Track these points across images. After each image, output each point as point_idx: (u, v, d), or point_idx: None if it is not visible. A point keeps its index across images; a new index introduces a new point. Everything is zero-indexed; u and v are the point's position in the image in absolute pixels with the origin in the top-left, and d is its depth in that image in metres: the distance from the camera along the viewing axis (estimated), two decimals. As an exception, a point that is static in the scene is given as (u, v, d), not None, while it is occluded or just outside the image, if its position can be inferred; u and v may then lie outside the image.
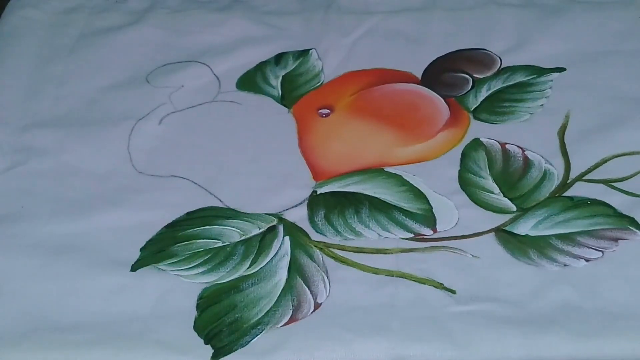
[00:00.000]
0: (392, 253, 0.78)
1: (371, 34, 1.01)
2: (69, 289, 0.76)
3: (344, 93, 0.94)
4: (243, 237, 0.80)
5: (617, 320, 0.71)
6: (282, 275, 0.76)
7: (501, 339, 0.71)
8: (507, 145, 0.86)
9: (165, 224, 0.81)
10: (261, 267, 0.77)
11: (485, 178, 0.84)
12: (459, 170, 0.85)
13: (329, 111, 0.92)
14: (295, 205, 0.82)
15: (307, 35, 1.00)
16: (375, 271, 0.76)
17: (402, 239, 0.79)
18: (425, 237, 0.79)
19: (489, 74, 0.94)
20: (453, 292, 0.74)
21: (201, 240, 0.79)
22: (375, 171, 0.85)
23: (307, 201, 0.83)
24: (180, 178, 0.86)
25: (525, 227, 0.79)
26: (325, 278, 0.76)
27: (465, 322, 0.72)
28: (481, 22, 1.01)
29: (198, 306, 0.74)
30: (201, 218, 0.82)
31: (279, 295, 0.75)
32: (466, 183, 0.83)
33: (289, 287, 0.75)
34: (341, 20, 1.02)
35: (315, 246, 0.79)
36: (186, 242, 0.79)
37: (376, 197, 0.82)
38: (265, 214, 0.82)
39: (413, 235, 0.79)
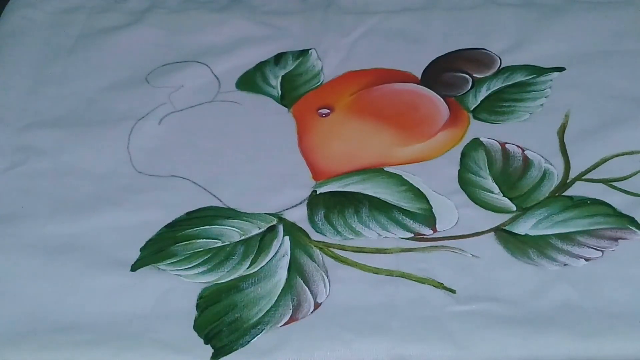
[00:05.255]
0: (392, 253, 0.78)
1: (371, 34, 1.01)
2: (69, 289, 0.76)
3: (344, 93, 0.94)
4: (243, 237, 0.80)
5: (616, 319, 0.71)
6: (282, 275, 0.76)
7: (501, 339, 0.71)
8: (506, 145, 0.86)
9: (165, 224, 0.81)
10: (261, 267, 0.77)
11: (485, 178, 0.84)
12: (458, 170, 0.85)
13: (328, 111, 0.92)
14: (295, 205, 0.82)
15: (307, 35, 1.00)
16: (375, 271, 0.76)
17: (402, 238, 0.79)
18: (425, 236, 0.79)
19: (488, 73, 0.94)
20: (453, 291, 0.74)
21: (201, 240, 0.79)
22: (375, 171, 0.85)
23: (307, 201, 0.83)
24: (180, 178, 0.86)
25: (525, 227, 0.79)
26: (325, 278, 0.76)
27: (465, 322, 0.72)
28: (481, 22, 1.01)
29: (198, 306, 0.74)
30: (201, 218, 0.82)
31: (279, 295, 0.75)
32: (466, 183, 0.83)
33: (288, 286, 0.75)
34: (341, 20, 1.02)
35: (315, 246, 0.79)
36: (186, 242, 0.79)
37: (376, 197, 0.82)
38: (265, 213, 0.82)
39: (413, 234, 0.79)
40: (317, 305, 0.74)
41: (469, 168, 0.85)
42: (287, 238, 0.79)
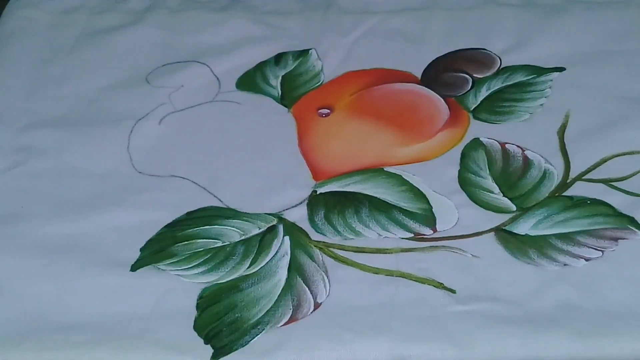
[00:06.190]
0: (392, 253, 0.78)
1: (371, 34, 1.01)
2: (69, 289, 0.76)
3: (344, 93, 0.94)
4: (243, 237, 0.80)
5: (616, 319, 0.71)
6: (282, 275, 0.76)
7: (501, 339, 0.71)
8: (506, 145, 0.86)
9: (165, 224, 0.81)
10: (261, 267, 0.77)
11: (485, 178, 0.84)
12: (458, 170, 0.85)
13: (328, 111, 0.92)
14: (295, 205, 0.82)
15: (307, 35, 1.00)
16: (375, 271, 0.76)
17: (402, 238, 0.79)
18: (425, 236, 0.79)
19: (488, 73, 0.94)
20: (453, 291, 0.74)
21: (201, 240, 0.79)
22: (375, 171, 0.85)
23: (307, 201, 0.83)
24: (180, 178, 0.86)
25: (525, 227, 0.79)
26: (325, 278, 0.76)
27: (465, 322, 0.72)
28: (481, 22, 1.01)
29: (198, 306, 0.74)
30: (201, 218, 0.82)
31: (279, 295, 0.75)
32: (466, 183, 0.83)
33: (289, 286, 0.75)
34: (341, 20, 1.02)
35: (315, 246, 0.79)
36: (186, 242, 0.79)
37: (376, 197, 0.82)
38: (265, 213, 0.82)
39: (413, 234, 0.79)
40: (317, 305, 0.74)
41: (469, 168, 0.85)
42: (287, 238, 0.79)
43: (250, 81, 0.96)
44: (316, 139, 0.89)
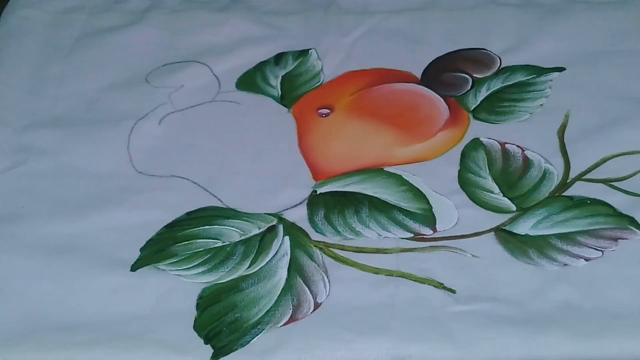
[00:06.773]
0: (392, 253, 0.78)
1: (371, 34, 1.01)
2: (69, 289, 0.76)
3: (344, 93, 0.94)
4: (243, 237, 0.80)
5: (616, 319, 0.71)
6: (282, 275, 0.76)
7: (501, 339, 0.71)
8: (506, 145, 0.86)
9: (165, 224, 0.81)
10: (261, 267, 0.77)
11: (485, 178, 0.84)
12: (458, 170, 0.85)
13: (328, 111, 0.92)
14: (295, 205, 0.82)
15: (307, 35, 1.00)
16: (375, 271, 0.76)
17: (402, 238, 0.79)
18: (425, 236, 0.79)
19: (488, 73, 0.94)
20: (453, 291, 0.74)
21: (201, 240, 0.80)
22: (375, 171, 0.85)
23: (306, 201, 0.83)
24: (180, 178, 0.86)
25: (525, 227, 0.79)
26: (325, 278, 0.76)
27: (465, 322, 0.72)
28: (481, 22, 1.01)
29: (198, 306, 0.74)
30: (201, 218, 0.82)
31: (279, 295, 0.75)
32: (466, 183, 0.83)
33: (288, 286, 0.75)
34: (341, 20, 1.02)
35: (315, 246, 0.79)
36: (186, 242, 0.79)
37: (376, 197, 0.82)
38: (265, 213, 0.82)
39: (413, 234, 0.79)
40: (317, 305, 0.74)
41: (469, 168, 0.85)
42: (287, 238, 0.79)
43: (250, 81, 0.96)
44: (316, 139, 0.89)
